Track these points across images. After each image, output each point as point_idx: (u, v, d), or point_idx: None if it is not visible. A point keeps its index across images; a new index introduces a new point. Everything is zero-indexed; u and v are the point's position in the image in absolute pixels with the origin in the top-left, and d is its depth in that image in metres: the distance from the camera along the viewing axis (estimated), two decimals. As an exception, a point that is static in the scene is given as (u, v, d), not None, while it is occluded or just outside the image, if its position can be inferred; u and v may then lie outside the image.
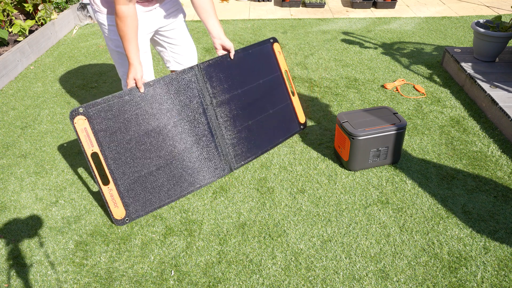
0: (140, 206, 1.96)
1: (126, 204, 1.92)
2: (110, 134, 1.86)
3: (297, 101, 2.51)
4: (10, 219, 2.02)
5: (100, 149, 1.84)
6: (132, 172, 1.92)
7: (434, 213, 1.98)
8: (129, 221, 1.94)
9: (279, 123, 2.42)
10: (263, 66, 2.34)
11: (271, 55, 2.38)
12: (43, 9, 4.07)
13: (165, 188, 2.01)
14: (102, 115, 1.83)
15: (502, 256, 1.76)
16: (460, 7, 4.88)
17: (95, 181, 1.91)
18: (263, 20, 4.56)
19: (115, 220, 1.91)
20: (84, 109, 1.79)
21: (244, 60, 2.25)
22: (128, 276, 1.73)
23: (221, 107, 2.16)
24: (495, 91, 2.69)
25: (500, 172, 2.21)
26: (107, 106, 1.84)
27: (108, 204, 1.88)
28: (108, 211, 1.90)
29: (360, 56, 3.61)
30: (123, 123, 1.89)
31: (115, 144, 1.87)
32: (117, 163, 1.88)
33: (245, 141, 2.26)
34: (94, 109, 1.82)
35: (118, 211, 1.90)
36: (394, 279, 1.68)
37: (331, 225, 1.93)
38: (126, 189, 1.92)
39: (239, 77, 2.23)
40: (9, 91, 3.20)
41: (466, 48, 3.32)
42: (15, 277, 1.73)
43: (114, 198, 1.89)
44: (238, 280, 1.70)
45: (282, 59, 2.44)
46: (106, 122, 1.85)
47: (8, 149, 2.53)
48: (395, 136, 2.15)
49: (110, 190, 1.88)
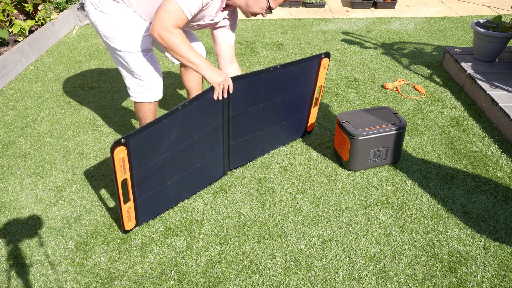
0: (148, 214, 1.97)
1: (138, 217, 1.92)
2: (142, 160, 1.78)
3: (315, 112, 2.46)
4: (10, 219, 2.02)
5: (130, 175, 1.76)
6: (150, 189, 1.89)
7: (434, 213, 1.98)
8: (134, 228, 1.95)
9: (287, 132, 2.40)
10: (298, 82, 2.21)
11: (313, 71, 2.24)
12: (43, 9, 4.07)
13: (172, 198, 2.03)
14: (140, 143, 1.73)
15: (502, 256, 1.76)
16: (460, 7, 4.88)
17: (117, 201, 1.87)
18: (263, 20, 4.56)
19: (125, 231, 1.91)
20: (126, 140, 1.68)
21: (278, 77, 2.10)
22: (128, 276, 1.73)
23: (235, 120, 2.09)
24: (495, 91, 2.69)
25: (500, 172, 2.21)
26: (145, 133, 1.73)
27: (123, 220, 1.85)
28: (121, 223, 1.88)
29: (360, 56, 3.61)
30: (155, 147, 1.81)
31: (144, 168, 1.81)
32: (141, 185, 1.85)
33: (248, 147, 2.25)
34: (134, 138, 1.71)
35: (130, 224, 1.91)
36: (394, 279, 1.68)
37: (331, 225, 1.93)
38: (142, 204, 1.90)
39: (265, 92, 2.11)
40: (9, 91, 3.20)
41: (466, 48, 3.32)
42: (15, 277, 1.73)
43: (130, 215, 1.87)
44: (238, 280, 1.70)
45: (324, 74, 2.29)
46: (141, 148, 1.75)
47: (8, 149, 2.53)
48: (395, 136, 2.15)
49: (129, 208, 1.85)
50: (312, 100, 2.37)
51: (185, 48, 1.78)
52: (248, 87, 2.01)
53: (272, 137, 2.35)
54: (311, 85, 2.29)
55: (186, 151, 1.94)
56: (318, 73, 2.26)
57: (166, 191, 1.97)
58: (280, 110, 2.25)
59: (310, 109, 2.41)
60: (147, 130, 1.72)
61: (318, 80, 2.30)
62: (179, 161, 1.94)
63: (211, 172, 2.16)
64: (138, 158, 1.76)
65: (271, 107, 2.19)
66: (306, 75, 2.21)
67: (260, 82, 2.04)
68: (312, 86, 2.30)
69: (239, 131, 2.15)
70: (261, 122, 2.22)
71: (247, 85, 2.00)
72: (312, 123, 2.50)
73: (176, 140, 1.87)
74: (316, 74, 2.26)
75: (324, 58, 2.22)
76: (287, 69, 2.09)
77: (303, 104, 2.35)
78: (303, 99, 2.32)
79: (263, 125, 2.24)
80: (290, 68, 2.10)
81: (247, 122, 2.15)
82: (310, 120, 2.47)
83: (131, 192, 1.82)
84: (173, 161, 1.91)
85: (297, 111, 2.35)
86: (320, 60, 2.21)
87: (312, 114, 2.45)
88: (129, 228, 1.92)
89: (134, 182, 1.79)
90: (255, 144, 2.28)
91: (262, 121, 2.21)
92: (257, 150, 2.34)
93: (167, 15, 1.73)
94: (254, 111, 2.13)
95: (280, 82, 2.12)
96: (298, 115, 2.38)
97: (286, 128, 2.38)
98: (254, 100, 2.09)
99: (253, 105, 2.11)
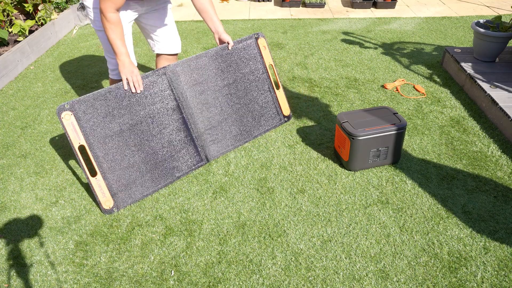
0: (127, 195, 2.07)
1: (113, 194, 2.03)
2: (95, 128, 1.97)
3: (282, 94, 2.59)
4: (10, 219, 2.02)
5: (86, 142, 1.94)
6: (117, 164, 2.03)
7: (434, 213, 1.98)
8: (117, 210, 2.04)
9: (259, 115, 2.50)
10: (244, 61, 2.42)
11: (254, 50, 2.45)
12: (43, 9, 4.07)
13: (148, 178, 2.12)
14: (88, 111, 1.95)
15: (502, 256, 1.76)
16: (460, 7, 4.88)
17: (84, 173, 2.00)
18: (263, 20, 4.57)
19: (104, 210, 2.01)
20: (70, 105, 1.91)
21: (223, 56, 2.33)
22: (128, 276, 1.73)
23: (194, 100, 2.25)
24: (495, 91, 2.69)
25: (500, 172, 2.21)
26: (91, 102, 1.96)
27: (96, 194, 1.98)
28: (97, 200, 2.00)
29: (360, 56, 3.61)
30: (108, 118, 2.00)
31: (101, 137, 1.98)
32: (103, 156, 1.99)
33: (222, 132, 2.35)
34: (79, 105, 1.93)
35: (106, 201, 2.01)
36: (394, 279, 1.68)
37: (331, 225, 1.93)
38: (113, 180, 2.03)
39: (215, 71, 2.31)
40: (9, 91, 3.20)
41: (466, 48, 3.32)
42: (15, 277, 1.73)
43: (102, 189, 2.00)
44: (238, 280, 1.70)
45: (267, 53, 2.49)
46: (91, 117, 1.96)
47: (8, 149, 2.53)
48: (395, 136, 2.15)
49: (98, 181, 1.98)
50: (270, 81, 2.51)
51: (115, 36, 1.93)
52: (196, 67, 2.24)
53: (246, 120, 2.45)
54: (259, 63, 2.46)
55: (141, 130, 2.10)
56: (261, 52, 2.45)
57: (139, 170, 2.09)
58: (240, 91, 2.40)
59: (273, 91, 2.53)
60: (94, 98, 1.96)
61: (265, 59, 2.47)
62: (140, 138, 2.09)
63: (186, 158, 2.24)
64: (90, 126, 1.95)
65: (224, 90, 2.35)
66: (248, 54, 2.42)
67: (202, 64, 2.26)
68: (260, 64, 2.46)
69: (204, 114, 2.28)
70: (225, 103, 2.36)
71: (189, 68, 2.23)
72: (286, 107, 2.60)
73: (128, 114, 2.05)
74: (259, 53, 2.45)
75: (260, 38, 2.45)
76: (225, 49, 2.32)
77: (260, 85, 2.47)
78: (257, 79, 2.46)
79: (228, 106, 2.37)
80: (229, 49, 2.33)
81: (209, 102, 2.30)
82: (281, 104, 2.58)
83: (95, 164, 1.98)
84: (133, 136, 2.07)
85: (259, 92, 2.47)
86: (256, 40, 2.44)
87: (280, 97, 2.57)
88: (108, 207, 2.01)
89: (94, 151, 1.96)
90: (223, 130, 2.37)
91: (226, 101, 2.36)
92: (232, 138, 2.41)
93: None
94: (211, 90, 2.30)
95: (225, 63, 2.34)
96: (261, 98, 2.49)
97: (256, 111, 2.49)
98: (205, 79, 2.27)
99: (208, 84, 2.28)
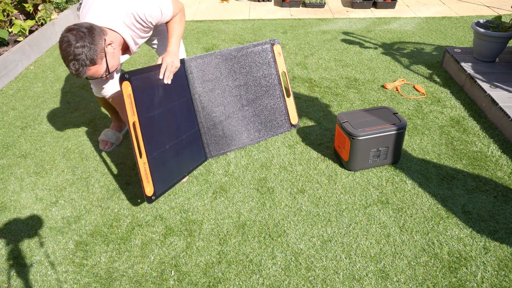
0: (161, 183, 1.96)
1: (154, 179, 1.91)
2: (144, 103, 1.84)
3: (292, 103, 2.53)
4: (10, 219, 2.02)
5: (138, 118, 1.82)
6: (156, 147, 1.92)
7: (434, 213, 1.98)
8: (155, 199, 1.93)
9: (266, 121, 2.47)
10: (258, 65, 2.40)
11: (268, 56, 2.42)
12: (43, 9, 4.07)
13: (174, 169, 2.05)
14: (139, 84, 1.82)
15: (502, 256, 1.76)
16: (460, 7, 4.88)
17: (133, 153, 1.89)
18: (263, 20, 4.57)
19: (147, 198, 1.89)
20: (129, 75, 1.79)
21: (233, 59, 2.33)
22: (128, 276, 1.73)
23: (203, 97, 2.24)
24: (495, 91, 2.69)
25: (500, 172, 2.21)
26: (144, 75, 1.83)
27: (141, 179, 1.86)
28: (142, 186, 1.86)
29: (360, 56, 3.61)
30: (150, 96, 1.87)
31: (146, 116, 1.86)
32: (147, 137, 1.88)
33: (226, 131, 2.34)
34: (136, 77, 1.81)
35: (149, 187, 1.89)
36: (394, 279, 1.68)
37: (331, 225, 1.93)
38: (153, 164, 1.91)
39: (228, 71, 2.31)
40: (9, 91, 3.20)
41: (466, 48, 3.32)
42: (15, 277, 1.73)
43: (147, 173, 1.87)
44: (238, 280, 1.70)
45: (282, 60, 2.45)
46: (141, 90, 1.83)
47: (8, 149, 2.53)
48: (395, 136, 2.15)
49: (144, 163, 1.86)
50: (281, 87, 2.47)
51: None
52: (204, 66, 2.23)
53: (251, 124, 2.42)
54: (272, 68, 2.42)
55: (172, 116, 2.04)
56: (275, 58, 2.42)
57: (167, 156, 2.00)
58: (249, 94, 2.38)
59: (283, 99, 2.49)
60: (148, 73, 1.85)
61: (278, 65, 2.43)
62: (169, 124, 2.02)
63: (194, 153, 2.22)
64: (140, 100, 1.84)
65: (233, 91, 2.33)
66: (262, 59, 2.39)
67: (215, 63, 2.26)
68: (274, 70, 2.42)
69: (209, 111, 2.26)
70: (233, 104, 2.34)
71: (204, 64, 2.23)
72: (294, 115, 2.55)
73: (163, 99, 1.99)
74: (273, 59, 2.42)
75: (276, 44, 2.42)
76: (241, 51, 2.32)
77: (271, 90, 2.44)
78: (269, 84, 2.43)
79: (235, 107, 2.35)
80: (243, 50, 2.33)
81: (216, 101, 2.28)
82: (290, 112, 2.53)
83: (143, 145, 1.85)
84: (164, 120, 1.99)
85: (268, 97, 2.44)
86: (272, 46, 2.41)
87: (289, 105, 2.52)
88: (150, 194, 1.88)
89: (141, 126, 1.84)
90: (227, 131, 2.35)
91: (233, 102, 2.34)
92: (235, 139, 2.39)
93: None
94: (218, 89, 2.28)
95: (238, 65, 2.33)
96: (271, 103, 2.46)
97: (264, 116, 2.46)
98: (217, 76, 2.25)
99: (213, 87, 2.26)
